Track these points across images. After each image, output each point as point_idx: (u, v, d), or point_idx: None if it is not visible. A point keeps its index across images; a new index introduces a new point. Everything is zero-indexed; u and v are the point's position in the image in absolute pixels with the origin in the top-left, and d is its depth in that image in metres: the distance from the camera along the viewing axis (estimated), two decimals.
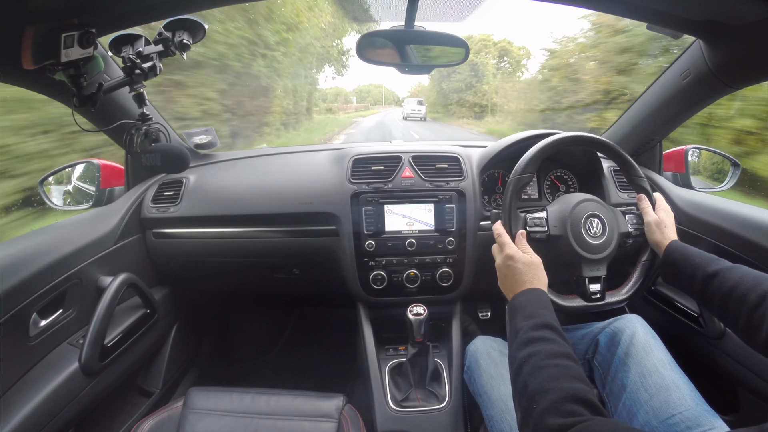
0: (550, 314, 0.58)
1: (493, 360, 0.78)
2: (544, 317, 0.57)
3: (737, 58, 0.76)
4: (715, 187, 1.15)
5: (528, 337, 0.55)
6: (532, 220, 0.83)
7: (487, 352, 0.80)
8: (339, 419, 0.77)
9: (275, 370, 1.52)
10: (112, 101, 0.94)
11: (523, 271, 0.66)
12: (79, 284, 0.87)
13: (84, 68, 0.68)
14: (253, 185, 1.09)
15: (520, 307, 0.61)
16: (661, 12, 0.72)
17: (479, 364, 0.78)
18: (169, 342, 1.16)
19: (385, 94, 65.60)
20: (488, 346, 0.82)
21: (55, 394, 0.75)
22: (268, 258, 1.10)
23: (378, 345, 1.02)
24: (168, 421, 0.77)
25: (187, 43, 0.78)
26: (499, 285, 0.70)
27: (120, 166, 1.14)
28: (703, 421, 0.63)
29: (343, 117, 23.92)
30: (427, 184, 1.02)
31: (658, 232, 0.79)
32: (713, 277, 0.66)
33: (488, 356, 0.79)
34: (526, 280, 0.65)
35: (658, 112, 1.04)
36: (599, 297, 0.80)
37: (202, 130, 1.26)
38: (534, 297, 0.62)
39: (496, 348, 0.81)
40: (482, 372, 0.76)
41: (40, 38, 0.58)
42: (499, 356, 0.78)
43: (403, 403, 0.91)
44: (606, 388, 0.78)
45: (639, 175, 0.86)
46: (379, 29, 0.80)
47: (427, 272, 1.01)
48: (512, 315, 0.61)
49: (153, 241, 1.09)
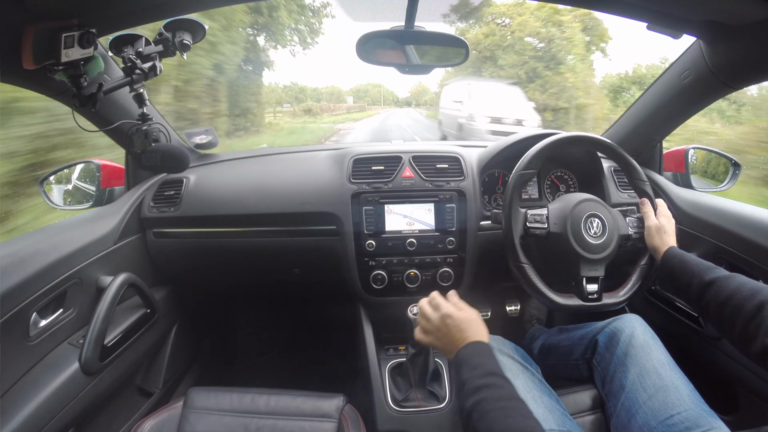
0: (494, 363, 0.58)
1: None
2: (488, 366, 0.57)
3: (737, 58, 0.76)
4: (715, 187, 1.15)
5: (474, 385, 0.54)
6: (533, 216, 0.84)
7: None
8: (339, 419, 0.77)
9: (275, 370, 1.52)
10: (112, 101, 0.94)
11: (462, 328, 0.64)
12: (79, 284, 0.87)
13: (84, 68, 0.68)
14: (253, 185, 1.09)
15: (464, 360, 0.60)
16: (661, 12, 0.72)
17: None
18: (170, 342, 1.16)
19: (384, 94, 63.25)
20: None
21: (55, 394, 0.75)
22: (268, 258, 1.10)
23: (378, 345, 1.02)
24: (168, 421, 0.77)
25: (188, 44, 0.78)
26: (438, 346, 0.67)
27: (120, 165, 1.15)
28: (701, 421, 0.63)
29: (328, 121, 16.98)
30: (428, 184, 1.02)
31: (657, 237, 0.79)
32: (710, 285, 0.66)
33: None
34: (467, 336, 0.63)
35: (658, 112, 1.04)
36: (596, 297, 0.80)
37: (202, 130, 1.26)
38: (477, 350, 0.61)
39: (495, 347, 0.81)
40: None
41: (40, 38, 0.59)
42: (499, 355, 0.79)
43: (403, 403, 0.91)
44: (605, 389, 0.78)
45: (642, 179, 0.86)
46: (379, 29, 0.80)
47: (427, 272, 1.01)
48: (457, 368, 0.60)
49: (153, 240, 1.09)
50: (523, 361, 0.79)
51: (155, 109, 1.10)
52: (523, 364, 0.78)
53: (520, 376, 0.74)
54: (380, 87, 66.84)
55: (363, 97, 57.53)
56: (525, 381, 0.73)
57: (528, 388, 0.72)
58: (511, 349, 0.82)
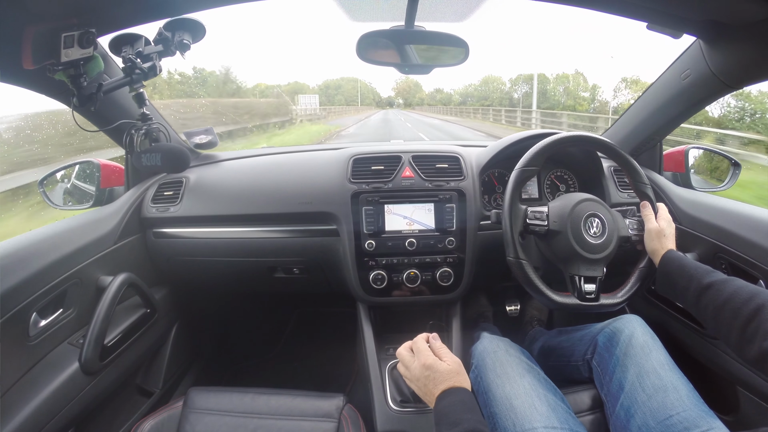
0: (475, 417, 0.55)
1: (498, 359, 0.78)
2: (469, 422, 0.54)
3: (737, 58, 0.76)
4: (714, 186, 1.15)
5: None
6: (533, 213, 0.84)
7: (493, 351, 0.81)
8: (339, 419, 0.77)
9: (275, 370, 1.52)
10: (112, 101, 0.94)
11: (442, 379, 0.61)
12: (79, 284, 0.87)
13: (84, 68, 0.68)
14: (253, 185, 1.09)
15: (444, 413, 0.57)
16: (661, 12, 0.72)
17: (485, 363, 0.79)
18: (169, 342, 1.16)
19: (363, 91, 52.98)
20: (495, 345, 0.82)
21: (56, 393, 0.75)
22: (268, 258, 1.10)
23: (378, 345, 1.02)
24: (168, 421, 0.77)
25: (187, 43, 0.78)
26: (419, 395, 0.65)
27: (120, 165, 1.15)
28: (701, 422, 0.63)
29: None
30: (427, 184, 1.02)
31: (656, 240, 0.79)
32: (707, 288, 0.65)
33: (494, 355, 0.79)
34: (447, 387, 0.61)
35: (658, 112, 1.04)
36: (593, 297, 0.80)
37: (202, 130, 1.26)
38: (458, 399, 0.58)
39: (502, 348, 0.82)
40: (488, 370, 0.77)
41: (40, 38, 0.58)
42: (504, 355, 0.79)
43: (403, 403, 0.91)
44: (604, 389, 0.78)
45: (644, 182, 0.86)
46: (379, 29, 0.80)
47: (427, 272, 1.01)
48: (437, 422, 0.57)
49: (153, 240, 1.09)
50: (529, 362, 0.80)
51: (155, 109, 1.10)
52: (529, 363, 0.79)
53: (526, 376, 0.74)
54: (356, 82, 53.93)
55: (334, 95, 45.31)
56: (530, 380, 0.74)
57: (533, 386, 0.72)
58: (518, 350, 0.83)
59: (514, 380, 0.73)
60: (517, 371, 0.75)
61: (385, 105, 42.53)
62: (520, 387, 0.72)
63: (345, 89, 51.28)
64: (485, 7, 0.87)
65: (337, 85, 53.33)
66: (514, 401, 0.70)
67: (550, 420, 0.66)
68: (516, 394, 0.71)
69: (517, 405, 0.69)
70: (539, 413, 0.67)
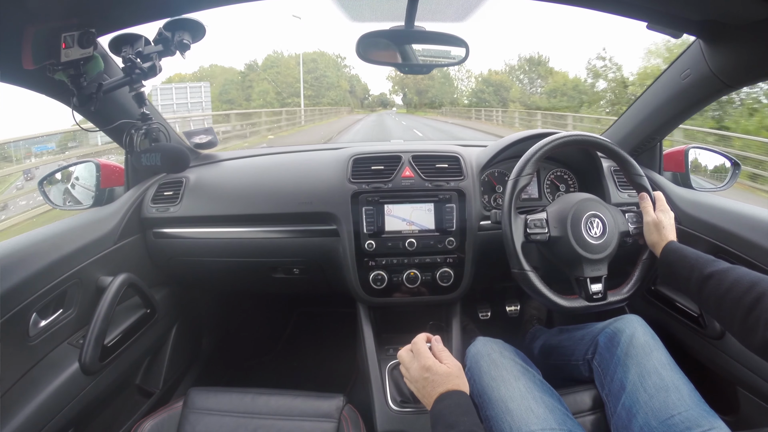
0: (471, 420, 0.55)
1: (493, 361, 0.78)
2: (465, 425, 0.54)
3: (737, 58, 0.76)
4: (714, 186, 1.15)
5: None
6: (532, 221, 0.83)
7: (487, 354, 0.80)
8: (339, 419, 0.77)
9: (275, 370, 1.52)
10: (112, 101, 0.94)
11: (441, 382, 0.61)
12: (79, 284, 0.87)
13: (84, 68, 0.68)
14: (253, 185, 1.09)
15: (440, 415, 0.57)
16: (661, 12, 0.72)
17: (480, 366, 0.78)
18: (169, 342, 1.16)
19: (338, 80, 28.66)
20: (489, 347, 0.82)
21: (55, 394, 0.75)
22: (268, 258, 1.10)
23: (378, 345, 1.02)
24: (168, 421, 0.77)
25: (187, 43, 0.78)
26: (418, 396, 0.65)
27: (120, 165, 1.15)
28: (702, 421, 0.63)
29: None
30: (427, 184, 1.02)
31: (656, 232, 0.79)
32: (709, 278, 0.65)
33: (489, 357, 0.79)
34: (446, 390, 0.61)
35: (658, 112, 1.04)
36: (601, 297, 0.80)
37: (201, 129, 1.26)
38: (454, 402, 0.58)
39: (497, 350, 0.81)
40: (483, 373, 0.77)
41: (40, 38, 0.58)
42: (499, 357, 0.79)
43: (403, 404, 0.91)
44: (605, 389, 0.78)
45: (639, 174, 0.86)
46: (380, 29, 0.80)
47: (427, 272, 1.01)
48: (433, 424, 0.57)
49: (153, 240, 1.09)
50: (524, 364, 0.79)
51: (155, 109, 1.10)
52: (524, 366, 0.78)
53: (521, 379, 0.74)
54: (325, 56, 36.30)
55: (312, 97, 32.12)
56: (526, 382, 0.73)
57: (529, 389, 0.72)
58: (512, 352, 0.82)
59: (509, 383, 0.73)
60: (512, 373, 0.75)
61: (376, 106, 31.54)
62: (515, 389, 0.71)
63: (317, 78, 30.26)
64: (485, 7, 0.87)
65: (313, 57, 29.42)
66: (510, 404, 0.69)
67: (547, 422, 0.66)
68: (512, 396, 0.70)
69: (513, 408, 0.69)
70: (536, 415, 0.67)
